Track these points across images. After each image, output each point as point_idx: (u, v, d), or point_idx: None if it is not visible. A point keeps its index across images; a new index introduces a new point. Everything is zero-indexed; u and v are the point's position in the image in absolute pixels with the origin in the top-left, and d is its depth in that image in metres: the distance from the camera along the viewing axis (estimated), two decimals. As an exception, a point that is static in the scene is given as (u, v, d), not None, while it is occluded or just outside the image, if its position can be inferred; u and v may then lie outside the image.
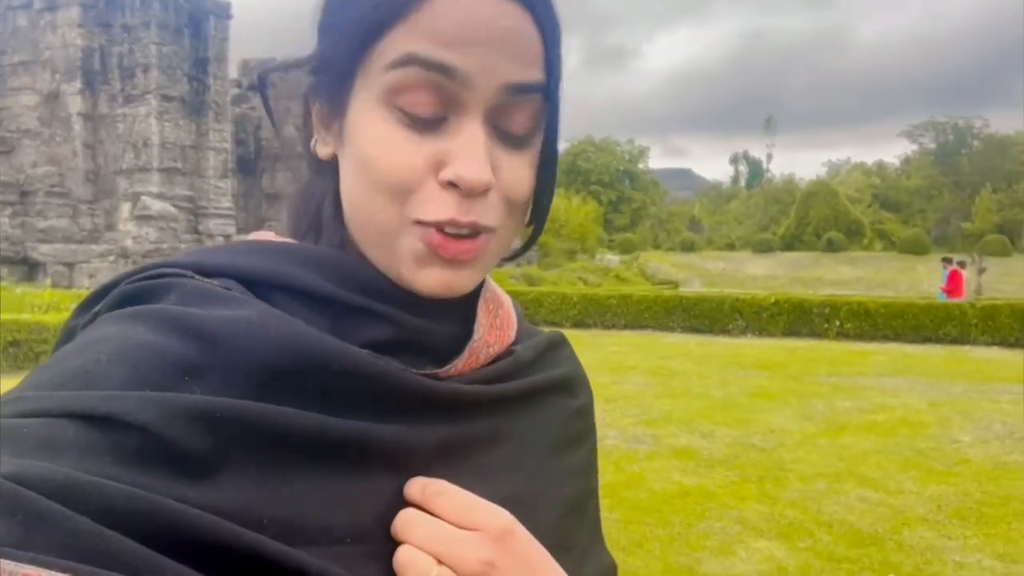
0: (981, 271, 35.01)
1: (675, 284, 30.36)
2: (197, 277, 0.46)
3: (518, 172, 0.48)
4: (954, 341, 14.53)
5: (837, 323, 15.44)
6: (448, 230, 0.46)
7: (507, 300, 0.58)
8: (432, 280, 0.47)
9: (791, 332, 15.57)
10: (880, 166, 73.14)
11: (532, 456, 0.53)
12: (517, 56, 0.45)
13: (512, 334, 0.56)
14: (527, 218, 0.52)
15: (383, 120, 0.46)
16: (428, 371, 0.49)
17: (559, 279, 24.88)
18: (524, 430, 0.53)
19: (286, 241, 0.52)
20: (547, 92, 0.48)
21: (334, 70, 0.48)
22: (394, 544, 0.43)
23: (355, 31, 0.46)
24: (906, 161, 68.84)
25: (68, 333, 0.47)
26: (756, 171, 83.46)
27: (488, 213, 0.47)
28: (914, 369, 10.99)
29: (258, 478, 0.39)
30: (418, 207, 0.46)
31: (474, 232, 0.47)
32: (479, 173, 0.45)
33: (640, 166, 66.11)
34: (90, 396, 0.37)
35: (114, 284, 0.47)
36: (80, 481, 0.33)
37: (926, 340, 14.65)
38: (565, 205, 35.03)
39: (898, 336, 14.91)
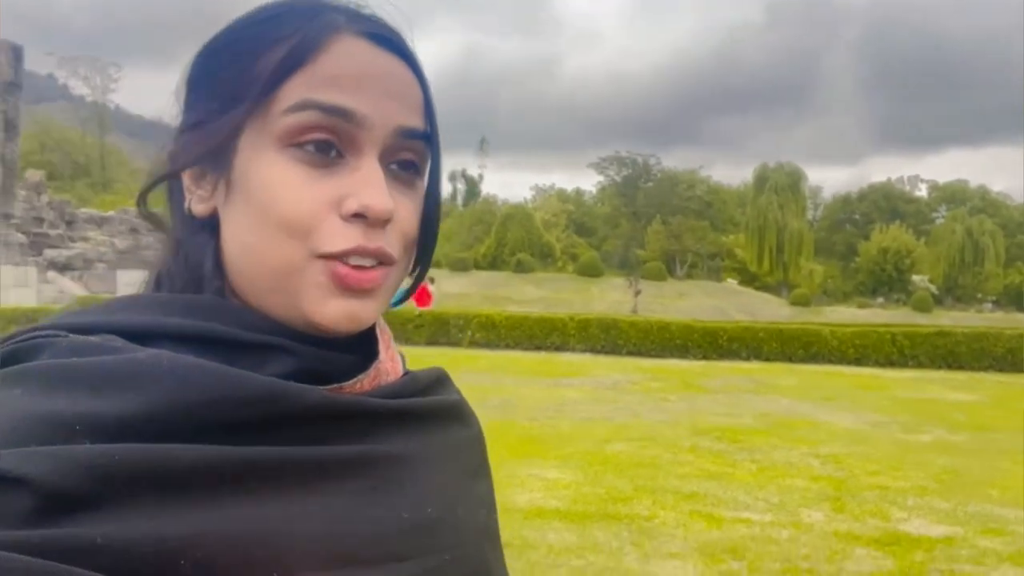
0: (637, 292, 42.34)
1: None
2: (72, 336, 0.46)
3: (409, 210, 0.52)
4: (558, 348, 18.60)
5: (469, 333, 18.89)
6: (353, 260, 0.49)
7: (390, 336, 0.60)
8: (338, 312, 0.49)
9: (432, 342, 18.63)
10: (578, 192, 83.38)
11: (449, 479, 0.54)
12: (405, 102, 0.52)
13: (401, 368, 0.59)
14: (411, 262, 0.55)
15: (280, 162, 0.49)
16: (333, 387, 0.50)
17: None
18: (436, 451, 0.55)
19: (165, 294, 0.53)
20: (429, 139, 0.54)
21: (219, 128, 0.50)
22: (323, 572, 0.43)
23: (247, 87, 0.49)
24: (602, 189, 79.17)
25: None
26: (473, 190, 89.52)
27: (391, 243, 0.51)
28: (507, 369, 14.37)
29: (169, 522, 0.39)
30: (321, 241, 0.48)
31: (378, 262, 0.50)
32: (385, 201, 0.49)
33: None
34: None
35: None
36: None
37: (537, 348, 18.56)
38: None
39: (517, 344, 18.66)
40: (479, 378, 12.55)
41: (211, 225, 0.53)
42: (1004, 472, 6.59)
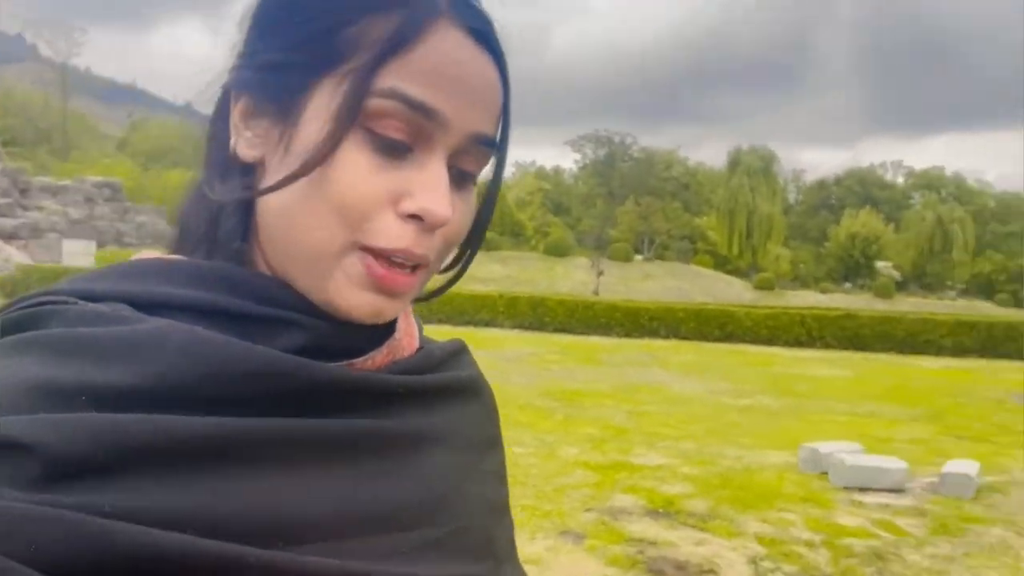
0: (599, 273, 43.82)
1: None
2: (81, 303, 0.47)
3: (461, 214, 0.52)
4: (487, 324, 20.05)
5: (403, 308, 20.27)
6: (396, 259, 0.49)
7: (410, 307, 0.60)
8: (365, 306, 0.50)
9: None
10: (558, 171, 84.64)
11: (457, 454, 0.56)
12: (486, 108, 0.51)
13: (417, 342, 0.59)
14: (447, 261, 0.56)
15: (352, 141, 0.48)
16: (344, 363, 0.51)
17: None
18: (446, 428, 0.56)
19: (176, 258, 0.53)
20: (498, 146, 0.54)
21: (296, 82, 0.49)
22: (333, 543, 0.45)
23: (333, 51, 0.48)
24: (582, 168, 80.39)
25: None
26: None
27: (434, 249, 0.51)
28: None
29: (174, 493, 0.41)
30: (371, 234, 0.48)
31: (418, 266, 0.51)
32: (446, 208, 0.48)
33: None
34: None
35: None
36: None
37: (467, 323, 19.95)
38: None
39: (449, 319, 20.05)
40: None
41: (247, 173, 0.52)
42: (777, 427, 8.05)
